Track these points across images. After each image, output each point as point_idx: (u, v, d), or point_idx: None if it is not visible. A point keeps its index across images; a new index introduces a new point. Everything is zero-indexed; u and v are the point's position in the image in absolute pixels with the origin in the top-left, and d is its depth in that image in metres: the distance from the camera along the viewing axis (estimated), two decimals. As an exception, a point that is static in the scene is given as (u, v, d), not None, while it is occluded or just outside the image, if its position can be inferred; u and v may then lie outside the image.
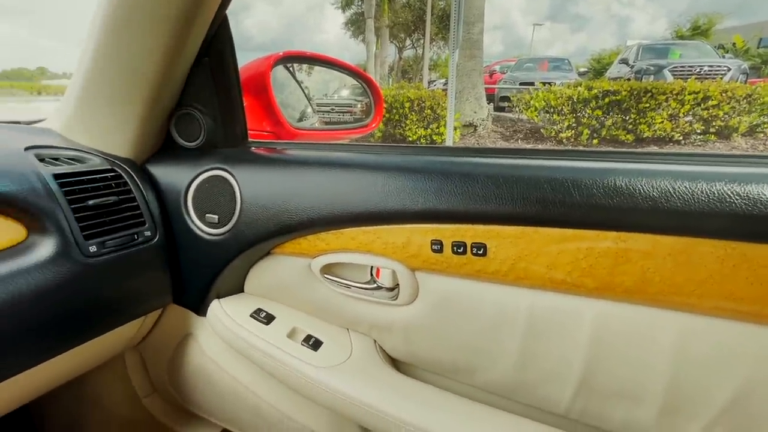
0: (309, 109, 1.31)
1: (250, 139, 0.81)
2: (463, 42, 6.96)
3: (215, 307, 0.76)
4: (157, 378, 0.95)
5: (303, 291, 0.74)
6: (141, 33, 0.62)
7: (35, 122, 0.80)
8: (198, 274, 0.75)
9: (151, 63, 0.64)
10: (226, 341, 0.75)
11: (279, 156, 0.73)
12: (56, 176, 0.62)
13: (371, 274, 0.67)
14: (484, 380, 0.62)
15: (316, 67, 1.26)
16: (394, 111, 6.63)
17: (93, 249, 0.62)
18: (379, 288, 0.66)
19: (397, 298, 0.65)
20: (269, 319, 0.74)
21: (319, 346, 0.70)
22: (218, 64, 0.72)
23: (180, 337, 0.85)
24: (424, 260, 0.59)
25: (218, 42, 0.70)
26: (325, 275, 0.69)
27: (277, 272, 0.74)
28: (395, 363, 0.72)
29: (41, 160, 0.63)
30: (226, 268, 0.73)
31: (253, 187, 0.69)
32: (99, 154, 0.72)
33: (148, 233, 0.70)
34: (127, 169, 0.72)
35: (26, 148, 0.64)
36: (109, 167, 0.70)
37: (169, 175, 0.75)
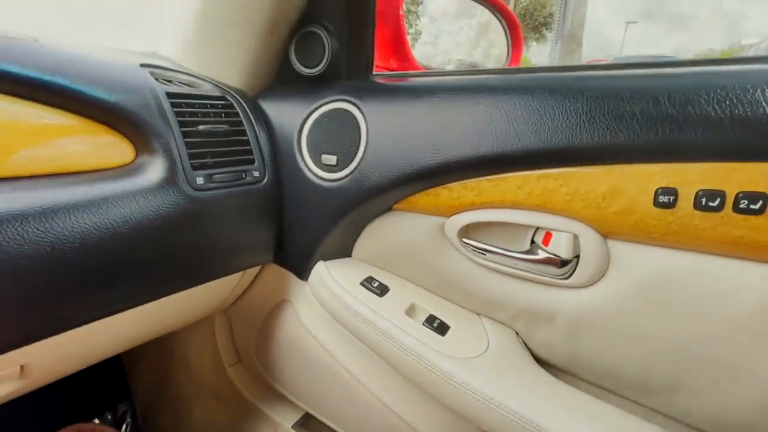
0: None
1: (375, 72, 0.67)
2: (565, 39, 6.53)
3: (320, 269, 0.64)
4: (243, 346, 0.87)
5: (429, 260, 0.58)
6: None
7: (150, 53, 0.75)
8: (305, 228, 0.64)
9: None
10: (328, 310, 0.62)
11: (414, 85, 0.59)
12: (169, 95, 0.54)
13: (533, 241, 0.50)
14: (696, 408, 0.42)
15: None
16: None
17: (200, 181, 0.54)
18: (545, 261, 0.48)
19: (569, 277, 0.47)
20: (383, 290, 0.60)
21: (446, 331, 0.55)
22: None
23: (274, 303, 0.75)
24: (638, 221, 0.40)
25: None
26: (464, 239, 0.53)
27: (397, 234, 0.60)
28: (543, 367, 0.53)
29: (155, 78, 0.56)
30: (339, 222, 0.60)
31: (382, 122, 0.55)
32: (211, 81, 0.64)
33: (256, 173, 0.61)
34: (240, 100, 0.63)
35: (141, 65, 0.57)
36: (222, 95, 0.61)
37: (284, 109, 0.64)
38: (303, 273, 0.67)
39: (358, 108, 0.57)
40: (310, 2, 0.60)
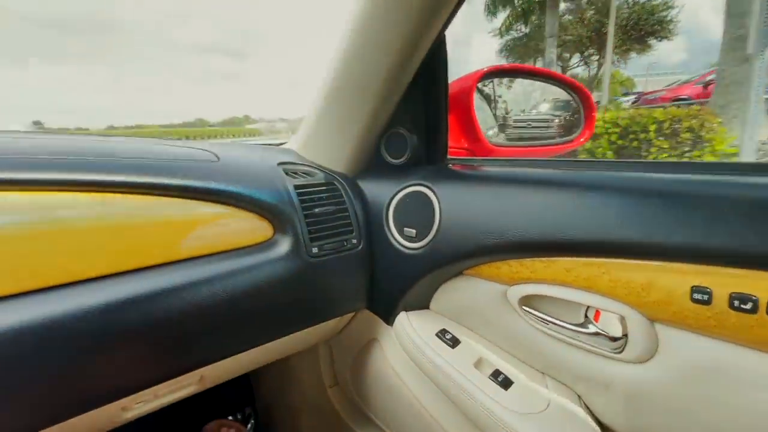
0: (496, 126, 1.27)
1: (449, 156, 0.81)
2: (730, 41, 5.24)
3: (402, 319, 0.77)
4: (341, 372, 1.04)
5: (494, 320, 0.68)
6: (373, 60, 0.69)
7: (281, 144, 1.00)
8: (390, 284, 0.79)
9: (377, 86, 0.71)
10: (410, 356, 0.75)
11: (481, 173, 0.70)
12: (296, 187, 0.74)
13: (586, 316, 0.56)
14: None
15: (515, 82, 1.21)
16: (630, 137, 5.15)
17: (315, 250, 0.71)
18: (597, 334, 0.54)
19: (622, 351, 0.52)
20: (455, 342, 0.71)
21: (509, 386, 0.63)
22: (431, 84, 0.75)
23: (366, 340, 0.91)
24: (677, 312, 0.45)
25: (433, 62, 0.72)
26: (524, 307, 0.61)
27: (467, 295, 0.71)
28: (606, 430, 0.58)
29: (286, 173, 0.77)
30: (418, 281, 0.73)
31: (453, 203, 0.68)
32: (323, 169, 0.83)
33: (354, 241, 0.77)
34: (343, 183, 0.81)
35: (278, 164, 0.79)
36: (330, 181, 0.80)
37: (375, 189, 0.81)
38: (389, 319, 0.81)
39: (433, 192, 0.71)
40: (396, 111, 0.77)
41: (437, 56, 0.72)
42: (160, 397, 0.63)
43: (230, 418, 1.23)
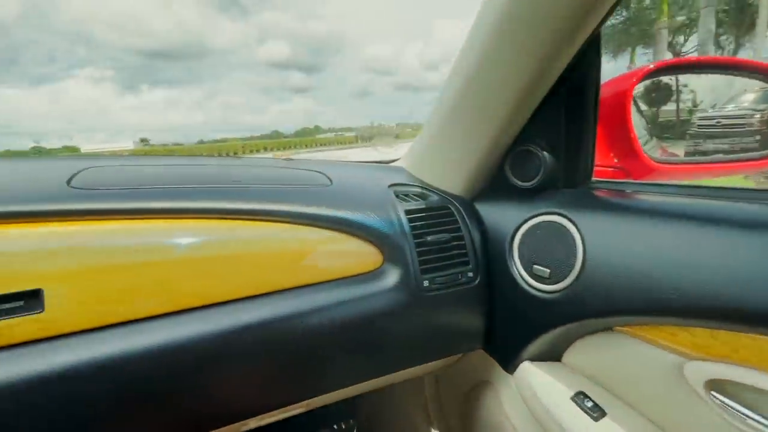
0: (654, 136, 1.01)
1: (593, 178, 0.66)
2: None
3: (527, 369, 0.65)
4: (447, 406, 0.95)
5: (658, 397, 0.51)
6: (508, 65, 0.58)
7: (392, 161, 0.95)
8: (513, 328, 0.67)
9: (510, 95, 0.60)
10: (534, 414, 0.63)
11: (641, 201, 0.54)
12: (407, 212, 0.68)
13: None
14: None
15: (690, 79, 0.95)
16: None
17: (426, 284, 0.65)
18: None
19: None
20: (599, 413, 0.56)
21: None
22: (577, 91, 0.61)
23: (477, 381, 0.81)
24: None
25: (583, 64, 0.59)
26: (714, 393, 0.44)
27: (618, 357, 0.55)
28: None
29: (397, 196, 0.72)
30: (549, 331, 0.61)
31: (602, 239, 0.54)
32: (436, 191, 0.76)
33: (470, 274, 0.68)
34: (459, 206, 0.72)
35: (389, 186, 0.74)
36: (444, 205, 0.72)
37: (496, 215, 0.70)
38: (508, 366, 0.70)
39: (573, 223, 0.57)
40: (528, 124, 0.65)
41: (588, 57, 0.58)
42: (268, 417, 0.64)
43: (335, 427, 1.26)
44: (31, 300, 0.45)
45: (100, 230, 0.50)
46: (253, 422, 0.62)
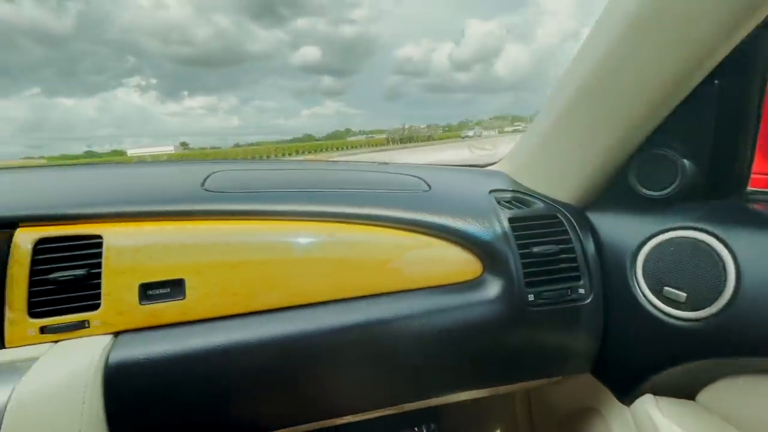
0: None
1: (749, 188, 0.56)
2: None
3: (649, 405, 0.57)
4: (543, 428, 0.88)
5: None
6: (649, 58, 0.50)
7: (490, 165, 0.90)
8: (634, 354, 0.59)
9: (635, 102, 0.53)
10: None
11: None
12: (510, 220, 0.63)
13: None
14: None
15: None
16: None
17: (531, 298, 0.60)
18: None
19: None
20: None
21: None
22: (735, 84, 0.51)
23: (583, 406, 0.73)
24: None
25: (747, 54, 0.49)
26: None
27: None
28: None
29: (498, 202, 0.67)
30: (682, 364, 0.52)
31: (764, 264, 0.45)
32: (542, 198, 0.70)
33: (581, 291, 0.61)
34: (569, 216, 0.66)
35: (489, 192, 0.69)
36: (552, 213, 0.66)
37: (615, 227, 0.63)
38: (624, 396, 0.62)
39: (722, 242, 0.48)
40: (664, 124, 0.55)
41: (754, 50, 0.49)
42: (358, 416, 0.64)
43: (416, 429, 1.21)
44: (175, 288, 0.52)
45: (228, 229, 0.56)
46: (342, 420, 0.63)
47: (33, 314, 0.49)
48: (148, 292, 0.51)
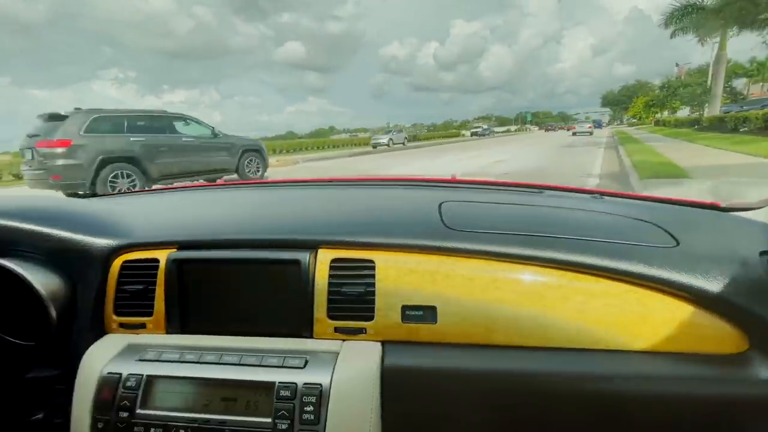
0: None
1: None
2: None
3: None
4: None
5: None
6: None
7: (739, 209, 0.77)
8: None
9: None
10: None
11: None
12: None
13: None
14: None
15: None
16: None
17: None
18: None
19: None
20: None
21: None
22: None
23: None
24: None
25: None
26: None
27: None
28: None
29: None
30: None
31: None
32: None
33: None
34: None
35: (761, 253, 0.59)
36: None
37: None
38: None
39: None
40: None
41: None
42: None
43: None
44: (428, 312, 0.59)
45: (472, 265, 0.60)
46: None
47: (330, 317, 0.61)
48: (407, 312, 0.59)
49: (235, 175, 7.86)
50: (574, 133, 30.40)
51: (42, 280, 0.63)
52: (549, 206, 0.81)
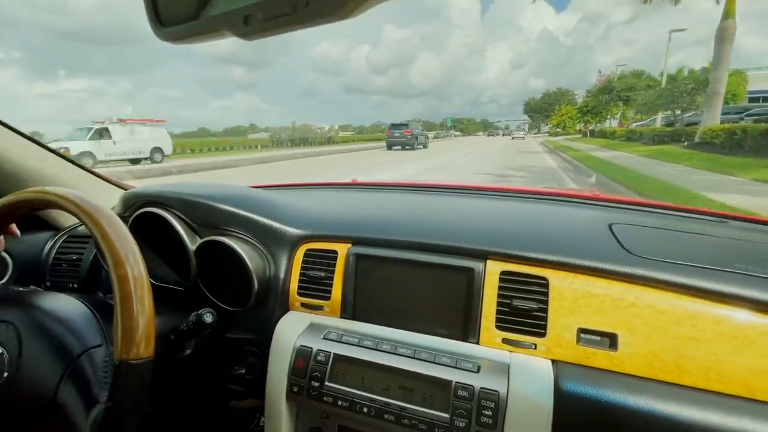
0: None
1: None
2: None
3: None
4: None
5: None
6: None
7: None
8: None
9: None
10: None
11: None
12: None
13: None
14: None
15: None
16: None
17: None
18: None
19: None
20: None
21: None
22: None
23: None
24: None
25: None
26: None
27: None
28: None
29: None
30: None
31: None
32: None
33: None
34: None
35: None
36: None
37: None
38: None
39: None
40: None
41: None
42: None
43: None
44: (607, 339, 0.57)
45: (658, 296, 0.57)
46: None
47: (498, 327, 0.63)
48: (582, 335, 0.58)
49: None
50: (512, 138, 44.92)
51: (250, 257, 0.73)
52: (734, 239, 0.74)
